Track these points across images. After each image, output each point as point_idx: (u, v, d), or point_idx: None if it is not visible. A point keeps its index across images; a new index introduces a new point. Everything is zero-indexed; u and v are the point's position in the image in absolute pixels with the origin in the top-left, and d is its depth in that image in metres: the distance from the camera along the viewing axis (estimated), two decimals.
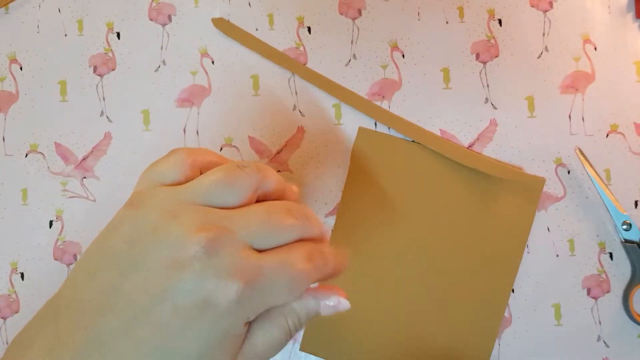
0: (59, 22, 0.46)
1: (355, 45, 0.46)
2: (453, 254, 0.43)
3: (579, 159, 0.43)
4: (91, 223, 0.45)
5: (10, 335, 0.44)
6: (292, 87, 0.45)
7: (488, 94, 0.45)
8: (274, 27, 0.46)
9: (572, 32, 0.45)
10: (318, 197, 0.45)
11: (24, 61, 0.46)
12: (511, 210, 0.43)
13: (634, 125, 0.44)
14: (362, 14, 0.46)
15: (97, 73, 0.46)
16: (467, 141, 0.45)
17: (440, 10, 0.46)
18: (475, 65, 0.45)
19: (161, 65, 0.46)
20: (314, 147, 0.45)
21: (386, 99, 0.45)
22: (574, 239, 0.44)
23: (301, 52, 0.46)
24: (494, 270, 0.43)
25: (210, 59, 0.46)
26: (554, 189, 0.44)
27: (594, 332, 0.43)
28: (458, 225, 0.44)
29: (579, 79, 0.45)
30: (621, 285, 0.43)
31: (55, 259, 0.45)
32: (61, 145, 0.45)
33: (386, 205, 0.44)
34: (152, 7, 0.46)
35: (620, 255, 0.44)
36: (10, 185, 0.45)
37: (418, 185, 0.44)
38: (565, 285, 0.44)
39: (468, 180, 0.44)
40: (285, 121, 0.45)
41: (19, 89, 0.46)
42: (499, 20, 0.45)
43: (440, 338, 0.43)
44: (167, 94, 0.45)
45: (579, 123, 0.45)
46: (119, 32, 0.46)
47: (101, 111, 0.46)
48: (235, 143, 0.45)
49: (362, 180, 0.44)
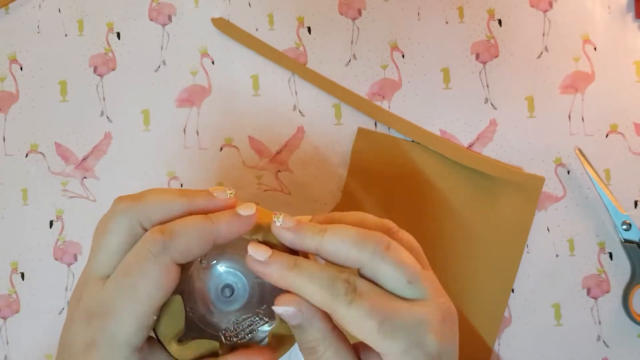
0: (59, 22, 0.46)
1: (355, 45, 0.46)
2: (453, 254, 0.43)
3: (578, 159, 0.44)
4: (91, 223, 0.45)
5: (10, 335, 0.44)
6: (292, 87, 0.45)
7: (488, 94, 0.45)
8: (274, 27, 0.46)
9: (572, 32, 0.45)
10: (318, 197, 0.45)
11: (24, 61, 0.46)
12: (511, 209, 0.43)
13: (634, 125, 0.44)
14: (362, 14, 0.46)
15: (97, 73, 0.46)
16: (467, 141, 0.45)
17: (440, 10, 0.46)
18: (475, 65, 0.45)
19: (161, 65, 0.46)
20: (314, 147, 0.45)
21: (386, 99, 0.45)
22: (573, 239, 0.44)
23: (301, 52, 0.46)
24: (494, 270, 0.43)
25: (210, 59, 0.46)
26: (554, 189, 0.44)
27: (594, 332, 0.43)
28: (458, 224, 0.44)
29: (579, 79, 0.45)
30: (621, 285, 0.43)
31: (55, 259, 0.45)
32: (61, 145, 0.45)
33: (386, 205, 0.44)
34: (152, 7, 0.46)
35: (620, 255, 0.44)
36: (10, 185, 0.45)
37: (418, 185, 0.44)
38: (565, 285, 0.44)
39: (468, 180, 0.44)
40: (285, 121, 0.45)
41: (19, 89, 0.46)
42: (498, 21, 0.46)
43: None
44: (167, 94, 0.46)
45: (578, 123, 0.45)
46: (119, 32, 0.46)
47: (101, 111, 0.46)
48: (235, 143, 0.45)
49: (362, 180, 0.44)
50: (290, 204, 0.45)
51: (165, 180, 0.45)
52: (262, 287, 0.28)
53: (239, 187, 0.45)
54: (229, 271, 0.28)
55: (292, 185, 0.45)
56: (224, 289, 0.28)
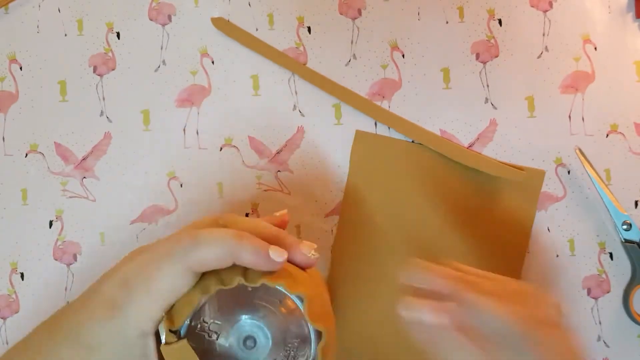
0: (58, 22, 0.46)
1: (355, 45, 0.46)
2: (456, 253, 0.43)
3: (579, 159, 0.43)
4: (91, 223, 0.45)
5: (10, 335, 0.44)
6: (292, 87, 0.45)
7: (488, 94, 0.45)
8: (274, 27, 0.46)
9: (572, 32, 0.45)
10: (318, 197, 0.45)
11: (23, 61, 0.46)
12: (513, 207, 0.43)
13: (634, 125, 0.44)
14: (362, 14, 0.46)
15: (97, 73, 0.46)
16: (467, 141, 0.45)
17: (440, 10, 0.46)
18: (475, 65, 0.45)
19: (161, 65, 0.46)
20: (314, 147, 0.45)
21: (386, 99, 0.45)
22: (574, 239, 0.44)
23: (301, 52, 0.46)
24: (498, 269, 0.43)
25: (210, 59, 0.46)
26: (554, 189, 0.44)
27: (594, 332, 0.43)
28: (459, 224, 0.44)
29: (579, 79, 0.45)
30: (621, 285, 0.43)
31: (55, 259, 0.45)
32: (61, 145, 0.45)
33: (387, 206, 0.44)
34: (152, 7, 0.46)
35: (620, 255, 0.44)
36: (10, 185, 0.45)
37: (419, 186, 0.44)
38: (566, 286, 0.44)
39: (468, 179, 0.44)
40: (285, 121, 0.45)
41: (18, 89, 0.46)
42: (499, 20, 0.45)
43: None
44: (167, 94, 0.45)
45: (579, 123, 0.45)
46: (118, 32, 0.46)
47: (101, 111, 0.46)
48: (235, 143, 0.45)
49: (363, 180, 0.44)
50: (290, 204, 0.45)
51: (165, 180, 0.45)
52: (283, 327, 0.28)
53: (239, 187, 0.45)
54: (251, 322, 0.28)
55: (292, 185, 0.45)
56: (246, 341, 0.28)
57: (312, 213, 0.44)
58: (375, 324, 0.43)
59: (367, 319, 0.43)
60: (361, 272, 0.44)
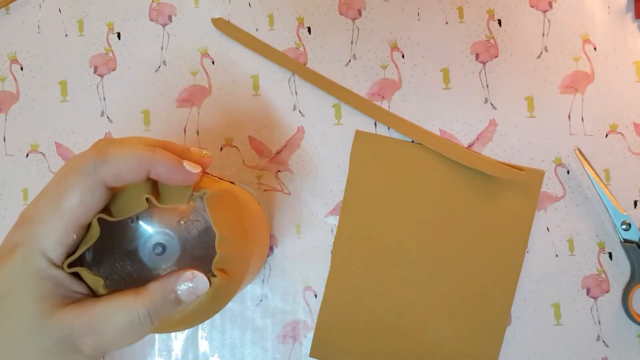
0: (59, 23, 0.46)
1: (355, 45, 0.46)
2: (456, 254, 0.43)
3: (578, 159, 0.44)
4: None
5: None
6: (292, 87, 0.45)
7: (488, 94, 0.45)
8: (274, 27, 0.46)
9: (571, 32, 0.45)
10: (318, 197, 0.45)
11: (24, 61, 0.46)
12: (512, 207, 0.44)
13: (634, 125, 0.44)
14: (362, 14, 0.46)
15: (97, 73, 0.46)
16: (466, 141, 0.45)
17: (440, 11, 0.46)
18: (475, 65, 0.45)
19: (161, 65, 0.46)
20: (314, 147, 0.45)
21: (386, 99, 0.45)
22: (573, 239, 0.44)
23: (301, 52, 0.46)
24: (497, 270, 0.43)
25: (210, 59, 0.46)
26: (554, 189, 0.44)
27: (594, 331, 0.43)
28: (459, 224, 0.44)
29: (579, 79, 0.45)
30: (620, 285, 0.44)
31: None
32: (62, 145, 0.45)
33: (387, 206, 0.44)
34: (152, 8, 0.46)
35: (620, 255, 0.44)
36: (10, 185, 0.45)
37: (418, 186, 0.44)
38: (565, 285, 0.44)
39: (468, 180, 0.44)
40: (285, 121, 0.45)
41: (19, 89, 0.46)
42: (498, 21, 0.46)
43: (447, 342, 0.43)
44: (167, 94, 0.46)
45: (578, 123, 0.45)
46: (119, 32, 0.46)
47: (102, 111, 0.46)
48: (235, 143, 0.45)
49: (363, 182, 0.44)
50: (290, 204, 0.45)
51: None
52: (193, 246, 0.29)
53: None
54: (161, 230, 0.29)
55: (292, 185, 0.45)
56: (155, 247, 0.28)
57: (312, 213, 0.44)
58: (375, 323, 0.43)
59: (367, 318, 0.43)
60: (361, 272, 0.44)
